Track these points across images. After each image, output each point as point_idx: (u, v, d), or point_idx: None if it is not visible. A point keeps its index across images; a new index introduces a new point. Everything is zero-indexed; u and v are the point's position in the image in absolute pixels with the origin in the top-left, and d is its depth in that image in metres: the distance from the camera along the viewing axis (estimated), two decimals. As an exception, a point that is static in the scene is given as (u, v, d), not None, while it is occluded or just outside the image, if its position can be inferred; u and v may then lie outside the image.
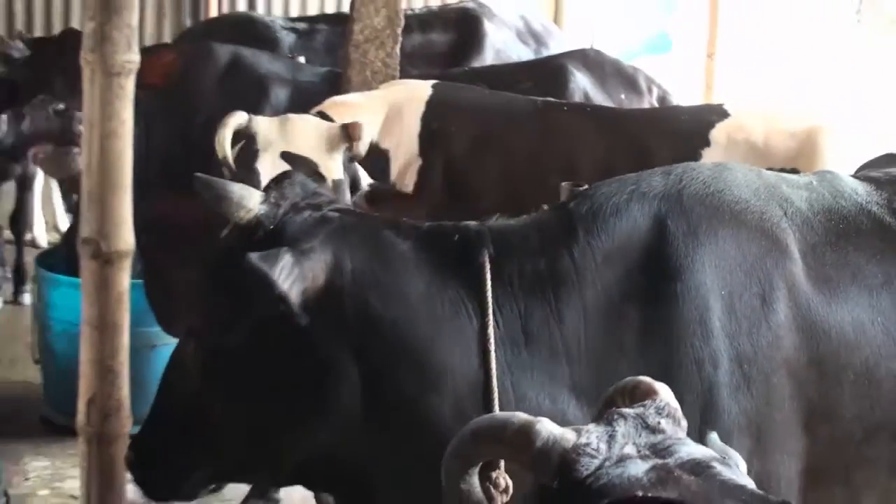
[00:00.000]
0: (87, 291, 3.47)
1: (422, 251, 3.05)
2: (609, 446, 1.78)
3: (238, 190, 2.96)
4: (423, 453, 2.97)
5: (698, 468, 1.80)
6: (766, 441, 3.06)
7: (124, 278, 3.45)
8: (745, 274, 3.11)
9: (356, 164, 4.10)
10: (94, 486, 3.54)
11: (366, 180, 4.07)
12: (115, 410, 3.46)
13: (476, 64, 6.79)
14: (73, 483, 6.05)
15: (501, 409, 2.90)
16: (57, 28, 9.42)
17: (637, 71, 5.89)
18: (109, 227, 3.37)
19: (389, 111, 4.54)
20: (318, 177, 3.74)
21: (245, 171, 4.04)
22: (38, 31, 9.39)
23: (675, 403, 1.98)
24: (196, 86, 5.33)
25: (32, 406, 6.80)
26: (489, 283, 2.97)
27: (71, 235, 6.69)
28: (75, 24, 9.38)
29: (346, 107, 4.45)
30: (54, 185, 9.01)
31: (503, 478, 2.67)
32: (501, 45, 7.24)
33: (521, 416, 1.82)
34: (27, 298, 8.26)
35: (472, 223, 3.13)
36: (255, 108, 4.59)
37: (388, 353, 2.98)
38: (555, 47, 7.42)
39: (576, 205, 3.12)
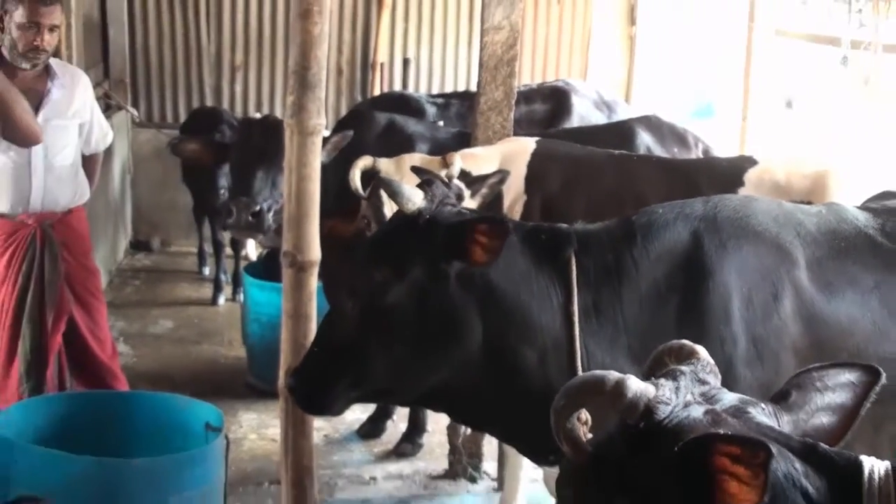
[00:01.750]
0: (286, 291, 3.54)
1: (526, 243, 3.16)
2: (677, 396, 1.79)
3: (408, 189, 3.10)
4: (515, 386, 3.07)
5: (738, 412, 1.80)
6: (774, 404, 3.06)
7: (313, 281, 3.52)
8: (762, 277, 3.12)
9: (459, 182, 4.15)
10: (291, 431, 3.62)
11: (466, 193, 4.11)
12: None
13: (565, 127, 6.78)
14: (274, 430, 6.16)
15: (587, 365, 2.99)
16: (266, 106, 9.58)
17: (687, 131, 5.84)
18: (303, 243, 3.45)
19: (503, 160, 4.57)
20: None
21: (375, 197, 4.13)
22: (252, 108, 9.57)
23: (713, 361, 1.99)
24: (362, 142, 5.40)
25: (243, 375, 6.92)
26: (574, 270, 3.04)
27: (270, 252, 6.78)
28: (277, 102, 9.65)
29: (473, 156, 4.50)
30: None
31: (584, 412, 2.71)
32: (584, 112, 7.22)
33: (615, 374, 1.81)
34: (241, 297, 8.43)
35: (563, 226, 3.25)
36: (404, 160, 4.66)
37: (499, 312, 3.07)
38: (621, 113, 7.42)
39: (637, 218, 3.17)
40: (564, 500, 1.86)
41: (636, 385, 1.77)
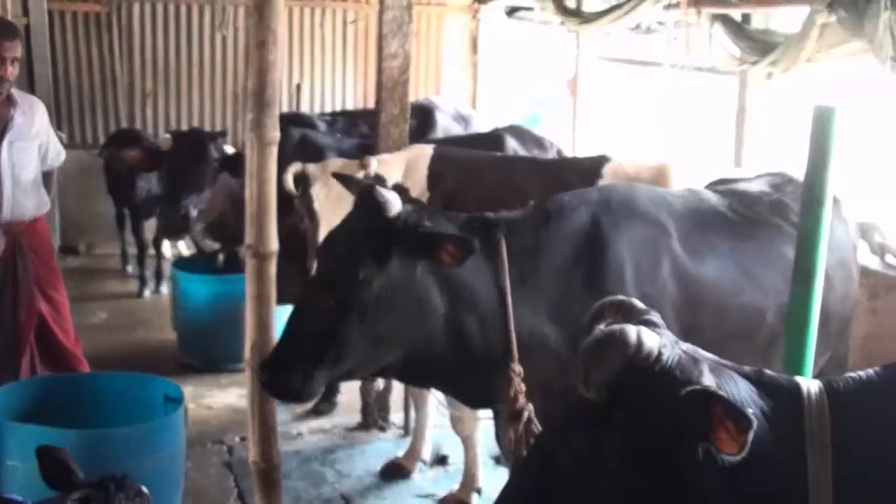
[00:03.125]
0: (249, 277, 3.37)
1: (463, 229, 3.09)
2: (668, 341, 1.79)
3: (392, 195, 3.01)
4: (462, 349, 3.04)
5: (695, 351, 1.83)
6: (658, 349, 3.14)
7: (272, 269, 3.38)
8: (646, 248, 3.19)
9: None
10: (256, 397, 3.46)
11: None
12: (268, 350, 3.39)
13: (430, 137, 6.70)
14: (209, 399, 6.00)
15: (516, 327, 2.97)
16: (173, 127, 9.24)
17: (543, 137, 5.90)
18: (263, 237, 3.32)
19: (408, 163, 4.51)
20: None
21: (306, 195, 4.02)
22: (161, 129, 9.22)
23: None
24: (281, 152, 5.23)
25: (175, 354, 6.69)
26: (504, 250, 3.02)
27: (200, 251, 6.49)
28: (183, 123, 9.29)
29: (383, 161, 4.41)
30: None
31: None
32: (446, 125, 7.20)
33: (632, 328, 1.76)
34: (164, 289, 8.14)
35: (491, 214, 3.21)
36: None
37: (452, 290, 3.01)
38: (476, 125, 7.46)
39: (549, 205, 3.16)
40: (572, 448, 1.76)
41: (650, 336, 1.75)
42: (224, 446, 5.35)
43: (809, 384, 1.81)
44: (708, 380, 1.72)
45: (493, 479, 4.82)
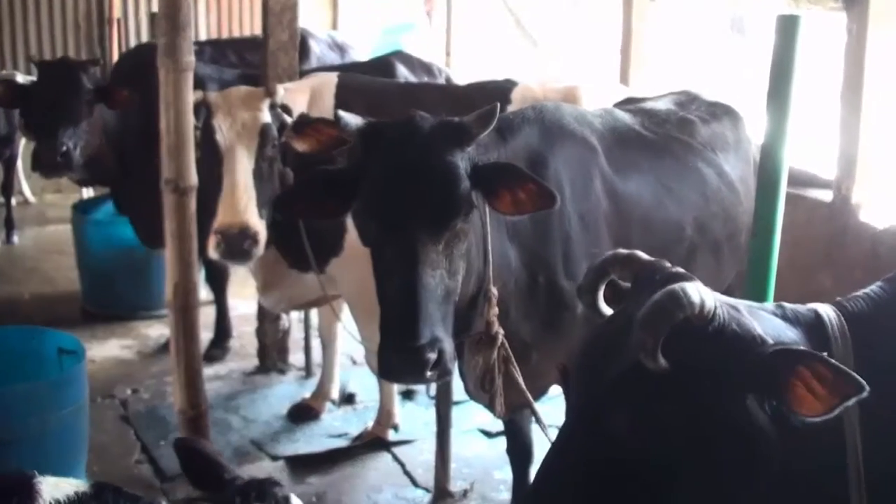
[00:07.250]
0: (169, 214, 3.29)
1: None
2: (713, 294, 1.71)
3: (351, 118, 2.91)
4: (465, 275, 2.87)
5: (721, 296, 1.76)
6: (597, 261, 3.24)
7: (192, 204, 3.31)
8: (579, 166, 3.29)
9: (281, 111, 3.98)
10: (181, 337, 3.42)
11: (289, 120, 3.99)
12: (192, 290, 3.34)
13: (304, 67, 6.54)
14: (89, 352, 5.73)
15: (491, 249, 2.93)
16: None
17: (431, 63, 5.88)
18: (182, 171, 3.24)
19: (313, 92, 4.41)
20: None
21: (207, 126, 3.90)
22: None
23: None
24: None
25: (46, 306, 6.40)
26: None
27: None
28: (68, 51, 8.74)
29: (289, 90, 4.29)
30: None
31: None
32: (321, 53, 7.02)
33: (690, 285, 1.65)
34: (16, 239, 7.76)
35: None
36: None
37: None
38: (352, 53, 7.33)
39: (501, 123, 3.06)
40: (630, 418, 1.63)
41: (707, 292, 1.66)
42: (116, 400, 5.20)
43: (826, 311, 1.81)
44: (759, 329, 1.68)
45: (403, 415, 4.91)
